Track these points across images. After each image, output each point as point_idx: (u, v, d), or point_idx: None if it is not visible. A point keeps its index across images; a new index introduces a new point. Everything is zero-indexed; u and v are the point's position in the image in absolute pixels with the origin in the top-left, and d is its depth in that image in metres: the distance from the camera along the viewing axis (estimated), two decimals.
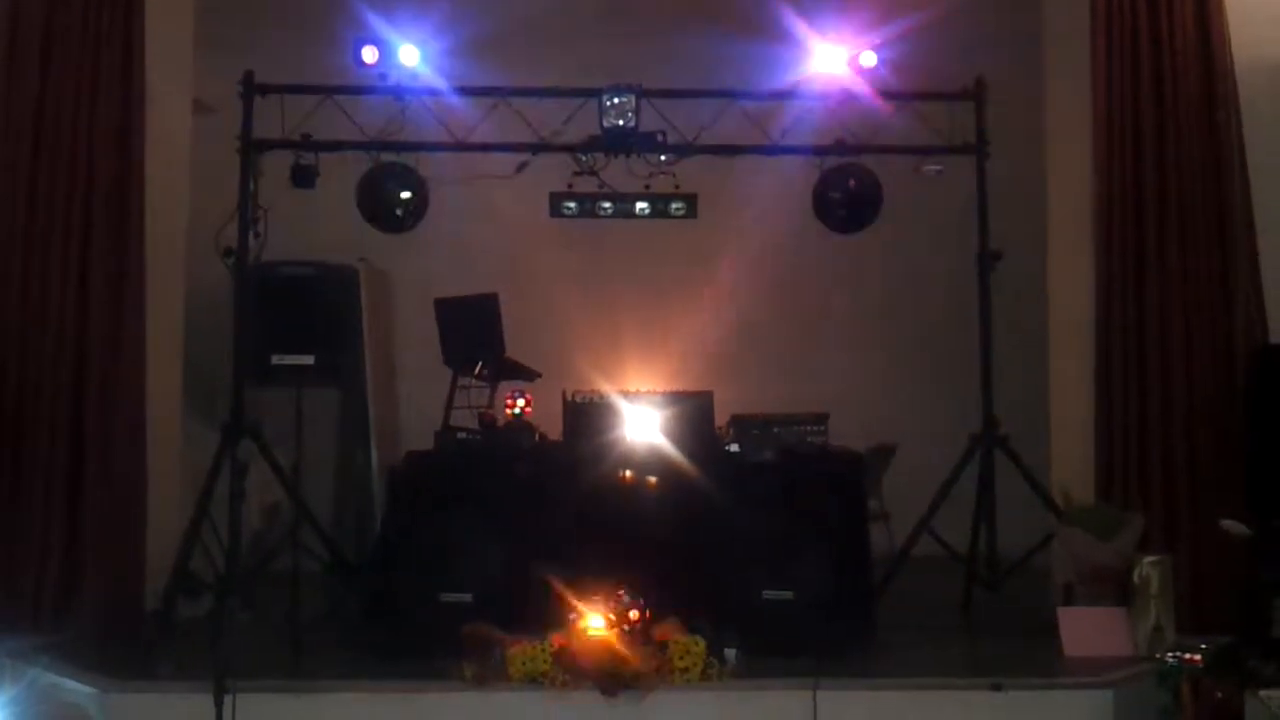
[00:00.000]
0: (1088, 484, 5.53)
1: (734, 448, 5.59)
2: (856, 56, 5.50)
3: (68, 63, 5.28)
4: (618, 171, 5.71)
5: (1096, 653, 4.67)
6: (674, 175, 5.72)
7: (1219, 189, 5.47)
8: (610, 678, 4.31)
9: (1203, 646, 4.24)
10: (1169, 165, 5.48)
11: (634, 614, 4.57)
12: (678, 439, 5.44)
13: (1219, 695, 3.79)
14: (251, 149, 5.45)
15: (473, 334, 6.22)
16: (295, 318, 5.47)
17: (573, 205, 5.75)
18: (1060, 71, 6.01)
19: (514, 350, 6.30)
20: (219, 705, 4.05)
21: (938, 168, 5.60)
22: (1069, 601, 5.04)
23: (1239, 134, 5.52)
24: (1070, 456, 5.78)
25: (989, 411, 5.57)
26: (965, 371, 5.74)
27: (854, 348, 7.23)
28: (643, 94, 5.53)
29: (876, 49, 5.50)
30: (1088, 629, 4.79)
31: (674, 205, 5.74)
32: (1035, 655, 4.78)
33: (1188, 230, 5.45)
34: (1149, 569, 4.82)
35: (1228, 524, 4.48)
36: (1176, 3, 5.52)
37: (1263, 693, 3.77)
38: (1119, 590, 4.89)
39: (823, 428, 5.67)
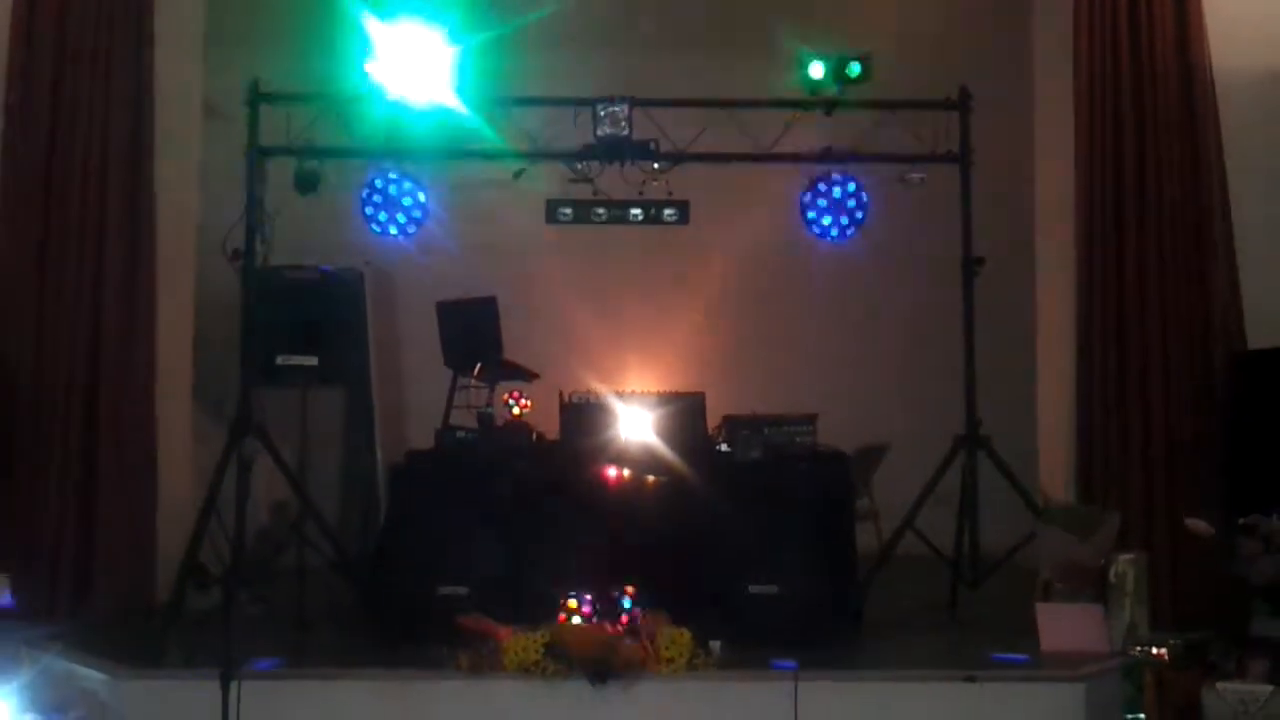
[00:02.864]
0: (1072, 485, 5.69)
1: (724, 447, 5.74)
2: (843, 67, 5.60)
3: (81, 70, 5.45)
4: (612, 179, 5.83)
5: (1073, 648, 4.75)
6: (667, 182, 5.85)
7: (1198, 197, 5.59)
8: (599, 667, 4.42)
9: (1171, 642, 4.37)
10: (1149, 173, 5.60)
11: (623, 606, 4.67)
12: (670, 438, 5.56)
13: (1179, 687, 3.93)
14: (258, 156, 5.57)
15: (472, 336, 6.35)
16: (300, 320, 5.63)
17: (568, 211, 5.87)
18: (1046, 82, 6.14)
19: (512, 352, 6.43)
20: (225, 691, 4.16)
21: (920, 175, 5.73)
22: (1047, 598, 5.11)
23: (1218, 142, 5.64)
24: (1056, 458, 5.91)
25: (972, 414, 5.70)
26: (955, 374, 5.85)
27: (845, 350, 7.30)
28: (636, 103, 5.66)
29: (863, 60, 5.60)
30: (1064, 625, 4.87)
31: (667, 212, 5.86)
32: (1014, 650, 4.82)
33: (1166, 237, 5.58)
34: (1124, 566, 4.93)
35: (1191, 523, 4.60)
36: (1156, 13, 5.63)
37: (1220, 684, 3.92)
38: (1096, 587, 5.00)
39: (811, 428, 5.78)
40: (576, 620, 4.64)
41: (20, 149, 5.42)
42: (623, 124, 5.64)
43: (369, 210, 5.86)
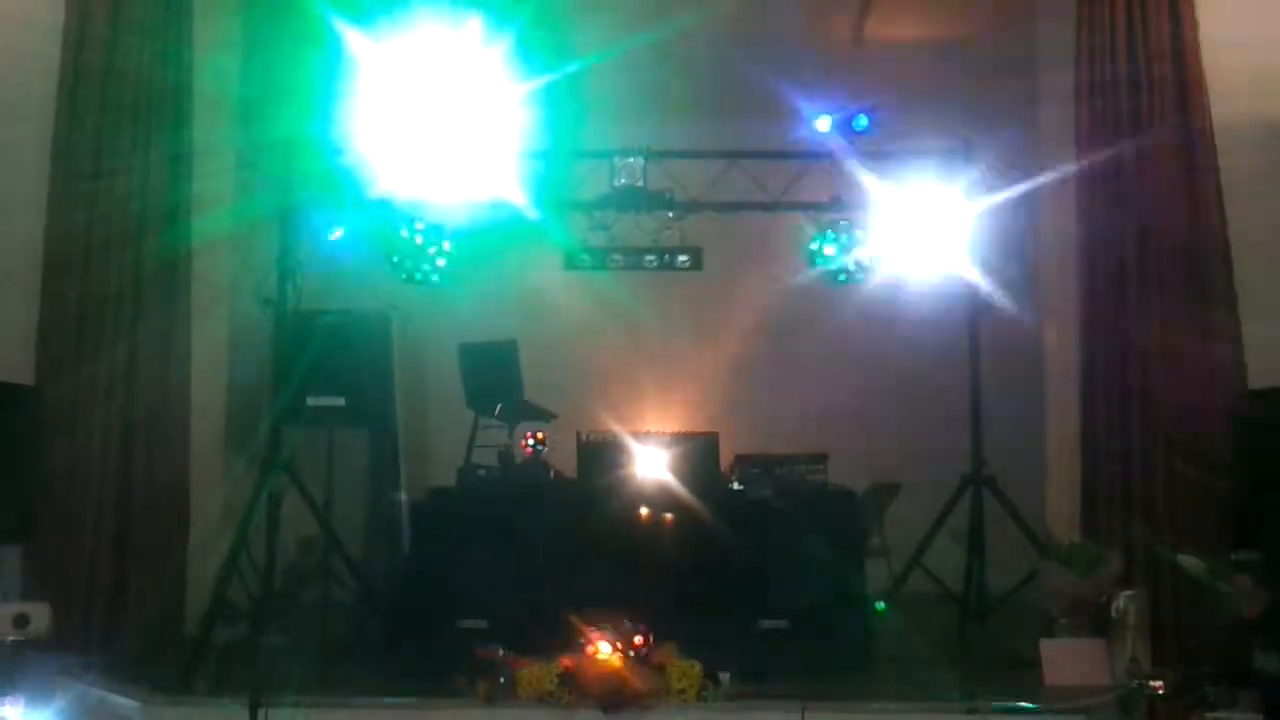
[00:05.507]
0: (1077, 523, 5.79)
1: (737, 485, 5.87)
2: (849, 119, 5.81)
3: (123, 130, 5.66)
4: (628, 227, 6.07)
5: (1076, 682, 4.83)
6: (680, 230, 6.07)
7: (1198, 242, 5.66)
8: (612, 697, 4.58)
9: (1168, 674, 4.47)
10: (1150, 219, 5.70)
11: (636, 639, 4.83)
12: (684, 477, 5.66)
13: (1171, 717, 4.04)
14: (290, 207, 5.79)
15: (493, 378, 6.50)
16: (329, 362, 5.82)
17: (586, 258, 6.11)
18: (1049, 130, 6.26)
19: (532, 393, 6.58)
20: (253, 718, 4.35)
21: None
22: (1050, 634, 5.22)
23: (1218, 189, 5.72)
24: (1062, 496, 6.00)
25: (977, 453, 5.84)
26: (966, 416, 5.98)
27: (855, 392, 7.36)
28: (651, 156, 5.90)
29: (868, 112, 5.81)
30: (1067, 660, 4.98)
31: (680, 258, 6.07)
32: (1019, 684, 4.95)
33: (1168, 281, 5.66)
34: (1126, 602, 5.04)
35: (1184, 559, 4.71)
36: (1155, 65, 5.76)
37: (1209, 715, 4.03)
38: (1098, 623, 5.11)
39: (822, 467, 5.91)
40: (591, 651, 4.80)
41: (64, 203, 5.61)
42: (638, 175, 5.88)
43: (396, 258, 6.07)
